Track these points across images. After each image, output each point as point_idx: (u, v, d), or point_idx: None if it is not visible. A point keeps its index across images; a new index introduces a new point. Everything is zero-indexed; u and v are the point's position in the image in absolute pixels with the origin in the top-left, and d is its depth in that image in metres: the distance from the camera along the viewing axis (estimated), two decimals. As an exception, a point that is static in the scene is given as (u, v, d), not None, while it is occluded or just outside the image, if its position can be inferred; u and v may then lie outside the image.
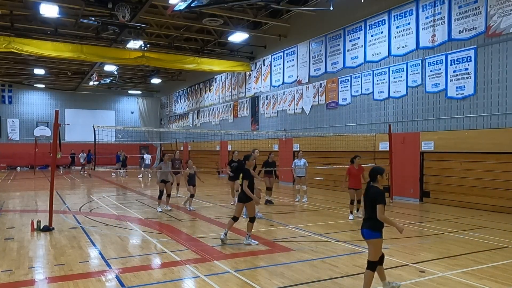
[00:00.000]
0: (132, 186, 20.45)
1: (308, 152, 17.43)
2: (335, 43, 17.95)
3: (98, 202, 14.06)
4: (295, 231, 9.08)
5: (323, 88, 18.65)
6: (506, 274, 6.03)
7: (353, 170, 10.77)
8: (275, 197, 14.43)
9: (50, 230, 9.05)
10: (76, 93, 37.31)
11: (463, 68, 12.88)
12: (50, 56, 21.04)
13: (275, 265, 6.48)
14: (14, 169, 33.77)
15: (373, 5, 15.93)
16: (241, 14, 19.27)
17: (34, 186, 20.15)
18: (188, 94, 34.00)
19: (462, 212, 11.67)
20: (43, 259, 6.94)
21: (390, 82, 15.37)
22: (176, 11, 15.39)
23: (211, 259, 6.80)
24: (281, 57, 21.61)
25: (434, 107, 13.81)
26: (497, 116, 12.06)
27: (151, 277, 5.97)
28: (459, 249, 7.52)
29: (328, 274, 6.02)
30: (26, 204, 13.50)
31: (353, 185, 10.77)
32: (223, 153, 26.59)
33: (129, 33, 19.23)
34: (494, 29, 12.01)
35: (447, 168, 13.41)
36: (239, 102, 25.82)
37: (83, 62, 25.95)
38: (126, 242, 8.26)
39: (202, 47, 24.25)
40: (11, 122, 35.64)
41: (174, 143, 30.71)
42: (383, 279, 5.24)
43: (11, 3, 17.72)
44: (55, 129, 9.35)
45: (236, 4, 16.23)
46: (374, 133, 15.74)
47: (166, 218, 10.88)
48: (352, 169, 10.80)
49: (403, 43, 14.80)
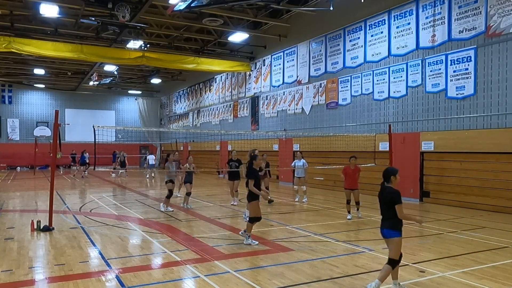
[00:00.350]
0: (132, 186, 20.45)
1: (308, 152, 17.44)
2: (335, 43, 17.95)
3: (98, 202, 14.06)
4: (295, 231, 9.08)
5: (323, 88, 18.65)
6: (506, 274, 6.03)
7: (349, 171, 10.73)
8: (275, 197, 14.44)
9: (50, 230, 9.05)
10: (76, 93, 37.31)
11: (463, 68, 12.88)
12: (50, 56, 21.04)
13: (275, 265, 6.48)
14: (14, 169, 33.78)
15: (373, 5, 15.93)
16: (241, 14, 19.27)
17: (34, 186, 20.16)
18: (188, 94, 34.00)
19: (462, 212, 11.67)
20: (43, 259, 6.94)
21: (390, 82, 15.37)
22: (176, 11, 15.39)
23: (211, 259, 6.80)
24: (281, 57, 21.61)
25: (434, 107, 13.81)
26: (497, 116, 12.06)
27: (151, 277, 5.97)
28: (459, 249, 7.52)
29: (328, 274, 6.02)
30: (26, 204, 13.50)
31: (348, 186, 10.70)
32: (223, 153, 26.59)
33: (129, 33, 19.23)
34: (494, 29, 12.01)
35: (447, 168, 13.41)
36: (239, 102, 25.82)
37: (83, 62, 25.95)
38: (126, 242, 8.26)
39: (202, 47, 24.25)
40: (11, 122, 35.63)
41: (174, 143, 30.72)
42: (395, 278, 5.35)
43: (11, 3, 17.72)
44: (55, 129, 9.35)
45: (236, 4, 16.23)
46: (374, 133, 15.74)
47: (166, 218, 10.89)
48: (347, 169, 10.77)
49: (403, 43, 14.80)
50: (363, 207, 11.90)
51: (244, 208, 11.21)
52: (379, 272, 5.30)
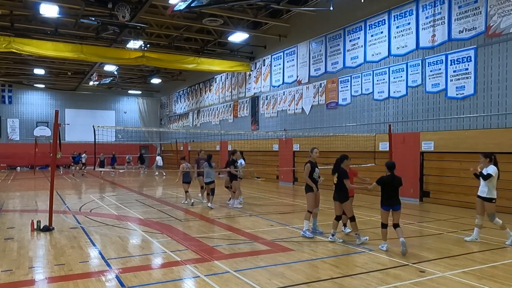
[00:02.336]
0: (132, 186, 20.44)
1: (308, 152, 17.39)
2: (335, 43, 17.95)
3: (98, 202, 14.06)
4: (295, 231, 9.09)
5: (323, 88, 18.64)
6: (506, 274, 6.03)
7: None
8: (275, 197, 14.42)
9: (50, 230, 9.05)
10: (76, 93, 37.31)
11: (463, 68, 12.87)
12: (50, 56, 21.04)
13: (275, 265, 6.48)
14: (14, 169, 33.78)
15: (373, 5, 15.93)
16: (241, 14, 19.27)
17: (34, 186, 20.16)
18: (188, 94, 34.00)
19: (462, 212, 11.67)
20: (43, 259, 6.94)
21: (390, 82, 15.37)
22: (176, 11, 15.39)
23: (211, 259, 6.79)
24: (281, 57, 21.61)
25: (434, 107, 13.81)
26: (497, 116, 12.06)
27: (151, 277, 5.97)
28: (459, 249, 7.52)
29: (328, 274, 6.02)
30: (26, 204, 13.50)
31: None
32: (223, 153, 26.58)
33: (129, 33, 19.23)
34: (494, 29, 12.01)
35: (447, 168, 13.41)
36: (239, 102, 25.82)
37: (83, 62, 25.95)
38: (126, 242, 8.26)
39: (202, 47, 24.25)
40: (11, 122, 35.63)
41: (174, 143, 30.75)
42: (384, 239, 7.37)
43: (11, 3, 17.72)
44: (55, 129, 9.35)
45: (236, 4, 16.23)
46: (374, 133, 15.74)
47: (166, 218, 10.89)
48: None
49: (403, 43, 14.80)
50: (363, 207, 11.92)
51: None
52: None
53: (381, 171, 7.74)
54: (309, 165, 8.65)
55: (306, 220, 8.61)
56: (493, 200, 8.01)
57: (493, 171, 7.98)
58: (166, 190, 18.29)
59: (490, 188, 7.99)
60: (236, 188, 12.87)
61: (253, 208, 12.51)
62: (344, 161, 8.22)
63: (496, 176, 8.00)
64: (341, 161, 8.22)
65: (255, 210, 12.24)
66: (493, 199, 8.00)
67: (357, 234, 7.92)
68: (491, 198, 8.00)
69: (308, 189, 8.67)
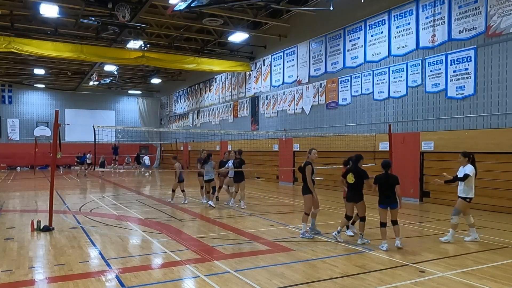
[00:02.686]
0: (132, 186, 20.44)
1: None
2: (335, 43, 17.95)
3: (98, 202, 14.06)
4: (295, 231, 9.08)
5: (323, 88, 18.64)
6: (506, 274, 6.03)
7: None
8: (275, 197, 14.43)
9: (50, 230, 9.05)
10: (76, 93, 37.30)
11: (463, 68, 12.87)
12: (50, 56, 21.04)
13: (275, 265, 6.48)
14: (14, 169, 33.77)
15: (373, 5, 15.93)
16: (241, 14, 19.26)
17: (34, 186, 20.15)
18: (188, 94, 33.99)
19: (462, 212, 11.65)
20: (43, 259, 6.94)
21: (390, 82, 15.37)
22: (176, 11, 15.39)
23: (211, 259, 6.80)
24: (281, 57, 21.61)
25: (434, 107, 13.80)
26: (497, 116, 12.06)
27: (151, 277, 5.97)
28: (459, 249, 7.53)
29: (328, 274, 6.02)
30: (26, 204, 13.50)
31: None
32: (223, 153, 26.56)
33: (129, 33, 19.23)
34: (494, 29, 12.01)
35: (447, 168, 13.31)
36: (239, 102, 25.82)
37: (83, 62, 25.94)
38: (126, 242, 8.26)
39: (202, 47, 24.24)
40: (11, 122, 35.62)
41: (174, 143, 30.75)
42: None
43: (11, 3, 17.72)
44: (55, 129, 9.35)
45: (236, 4, 16.23)
46: (374, 133, 15.74)
47: (166, 218, 10.89)
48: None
49: (403, 43, 14.80)
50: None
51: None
52: None
53: (381, 171, 7.76)
54: (310, 167, 8.54)
55: (304, 223, 8.50)
56: (467, 199, 8.01)
57: (470, 170, 7.98)
58: (166, 190, 18.28)
59: (467, 188, 7.98)
60: (241, 189, 12.86)
61: (253, 208, 12.51)
62: (360, 161, 8.17)
63: (474, 175, 8.00)
64: (357, 161, 8.15)
65: (255, 210, 12.24)
66: (467, 198, 7.99)
67: (361, 234, 7.91)
68: (466, 197, 8.00)
69: (306, 191, 8.50)
